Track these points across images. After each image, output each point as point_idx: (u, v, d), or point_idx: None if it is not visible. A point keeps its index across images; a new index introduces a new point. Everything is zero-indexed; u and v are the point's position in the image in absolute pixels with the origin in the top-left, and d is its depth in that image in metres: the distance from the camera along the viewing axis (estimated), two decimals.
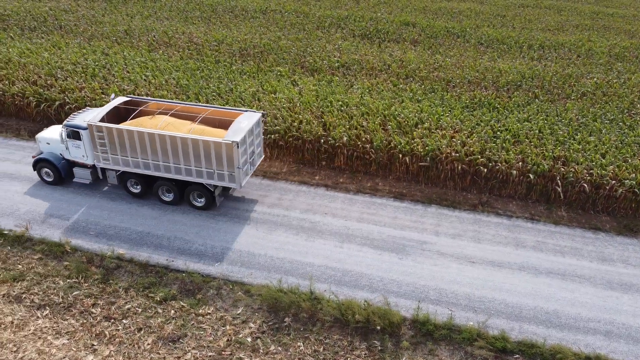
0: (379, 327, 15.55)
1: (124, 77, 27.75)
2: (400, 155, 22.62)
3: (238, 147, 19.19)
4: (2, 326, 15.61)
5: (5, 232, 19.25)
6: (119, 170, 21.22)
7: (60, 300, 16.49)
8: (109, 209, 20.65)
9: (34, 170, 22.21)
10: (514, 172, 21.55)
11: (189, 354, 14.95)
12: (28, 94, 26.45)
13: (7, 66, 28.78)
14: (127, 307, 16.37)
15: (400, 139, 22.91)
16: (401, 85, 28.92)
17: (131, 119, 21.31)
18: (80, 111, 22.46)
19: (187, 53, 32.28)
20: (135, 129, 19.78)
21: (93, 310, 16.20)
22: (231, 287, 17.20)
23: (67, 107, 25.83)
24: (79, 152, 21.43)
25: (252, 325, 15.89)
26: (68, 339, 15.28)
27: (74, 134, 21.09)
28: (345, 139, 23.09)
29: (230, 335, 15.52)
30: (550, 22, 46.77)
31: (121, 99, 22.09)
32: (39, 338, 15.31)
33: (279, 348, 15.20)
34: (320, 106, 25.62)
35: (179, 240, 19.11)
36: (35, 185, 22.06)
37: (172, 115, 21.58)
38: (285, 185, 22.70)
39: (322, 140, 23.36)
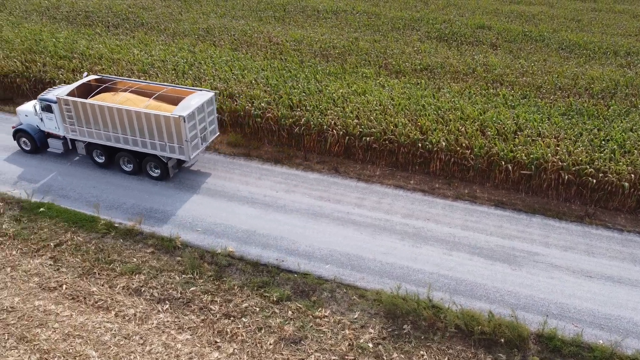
0: (503, 340, 15.13)
1: (214, 76, 28.08)
2: (503, 163, 22.04)
3: (185, 121, 20.54)
4: (127, 318, 15.91)
5: (116, 224, 19.70)
6: (86, 141, 22.88)
7: (179, 295, 16.70)
8: (213, 207, 20.83)
9: (14, 139, 24.24)
10: (626, 184, 20.69)
11: (312, 356, 14.87)
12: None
13: (100, 62, 29.56)
14: (244, 305, 16.44)
15: (503, 146, 22.34)
16: (492, 90, 28.26)
17: (95, 94, 22.79)
18: (56, 87, 24.50)
19: (269, 53, 32.45)
20: (97, 103, 21.50)
21: (212, 307, 16.34)
22: (345, 290, 17.05)
23: None
24: (52, 123, 23.33)
25: (371, 330, 15.70)
26: (191, 335, 15.44)
27: (46, 107, 23.01)
28: (443, 144, 22.67)
29: (351, 339, 15.36)
30: (629, 28, 44.99)
31: (92, 77, 24.10)
32: (163, 332, 15.52)
33: (402, 356, 14.95)
34: (414, 110, 25.25)
35: (285, 240, 19.11)
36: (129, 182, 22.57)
37: (133, 92, 22.86)
38: (382, 189, 22.45)
39: (420, 145, 23.00)
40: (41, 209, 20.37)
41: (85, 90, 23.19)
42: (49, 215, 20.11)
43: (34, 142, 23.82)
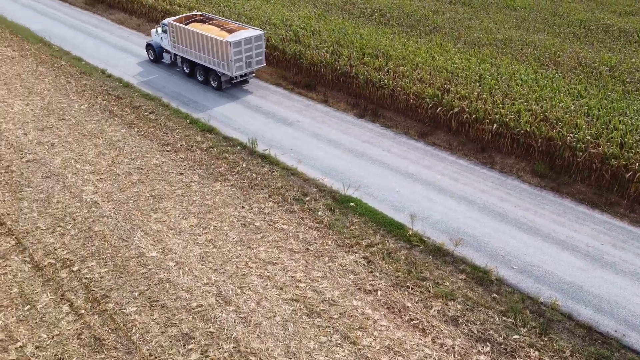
0: None
1: (524, 95, 25.81)
2: None
3: (231, 45, 27.88)
4: (445, 348, 14.91)
5: (425, 238, 19.06)
6: (180, 56, 32.02)
7: (501, 340, 15.13)
8: (527, 244, 18.78)
9: (145, 51, 34.82)
10: None
11: None
12: (425, 95, 26.63)
13: (403, 62, 29.68)
14: None
15: None
16: None
17: (189, 23, 31.67)
18: (176, 17, 32.64)
19: (583, 77, 28.83)
20: (184, 27, 30.28)
21: None
22: None
23: (465, 116, 25.11)
24: (166, 42, 32.56)
25: None
26: None
27: (164, 30, 32.12)
28: None
29: None
30: None
31: (198, 13, 33.16)
32: None
33: None
34: None
35: (623, 309, 16.11)
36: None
37: (214, 24, 31.17)
38: None
39: None
40: (351, 204, 20.86)
41: (189, 21, 32.10)
42: (358, 212, 20.45)
43: (155, 54, 33.93)
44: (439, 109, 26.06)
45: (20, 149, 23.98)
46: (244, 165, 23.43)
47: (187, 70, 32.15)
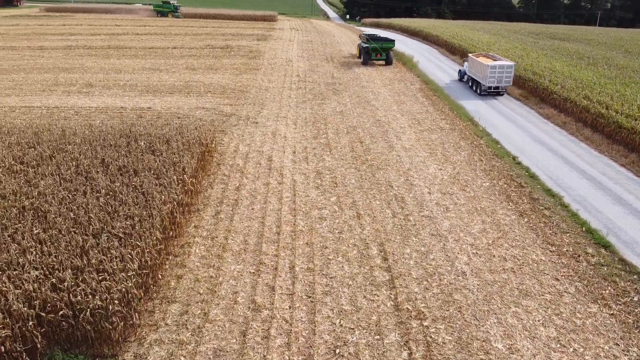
0: None
1: None
2: None
3: (489, 68, 47.32)
4: None
5: None
6: (470, 77, 53.27)
7: None
8: None
9: (457, 74, 58.96)
10: None
11: None
12: None
13: None
14: None
15: None
16: None
17: (477, 56, 52.35)
18: (474, 53, 57.36)
19: None
20: (473, 57, 52.26)
21: None
22: None
23: None
24: (467, 68, 54.38)
25: None
26: None
27: (466, 61, 55.97)
28: None
29: None
30: None
31: (490, 53, 55.51)
32: None
33: None
34: None
35: None
36: None
37: (488, 56, 51.74)
38: None
39: None
40: None
41: (479, 55, 53.14)
42: None
43: (460, 77, 56.29)
44: None
45: (421, 204, 27.30)
46: (636, 299, 19.72)
47: (470, 84, 52.52)
